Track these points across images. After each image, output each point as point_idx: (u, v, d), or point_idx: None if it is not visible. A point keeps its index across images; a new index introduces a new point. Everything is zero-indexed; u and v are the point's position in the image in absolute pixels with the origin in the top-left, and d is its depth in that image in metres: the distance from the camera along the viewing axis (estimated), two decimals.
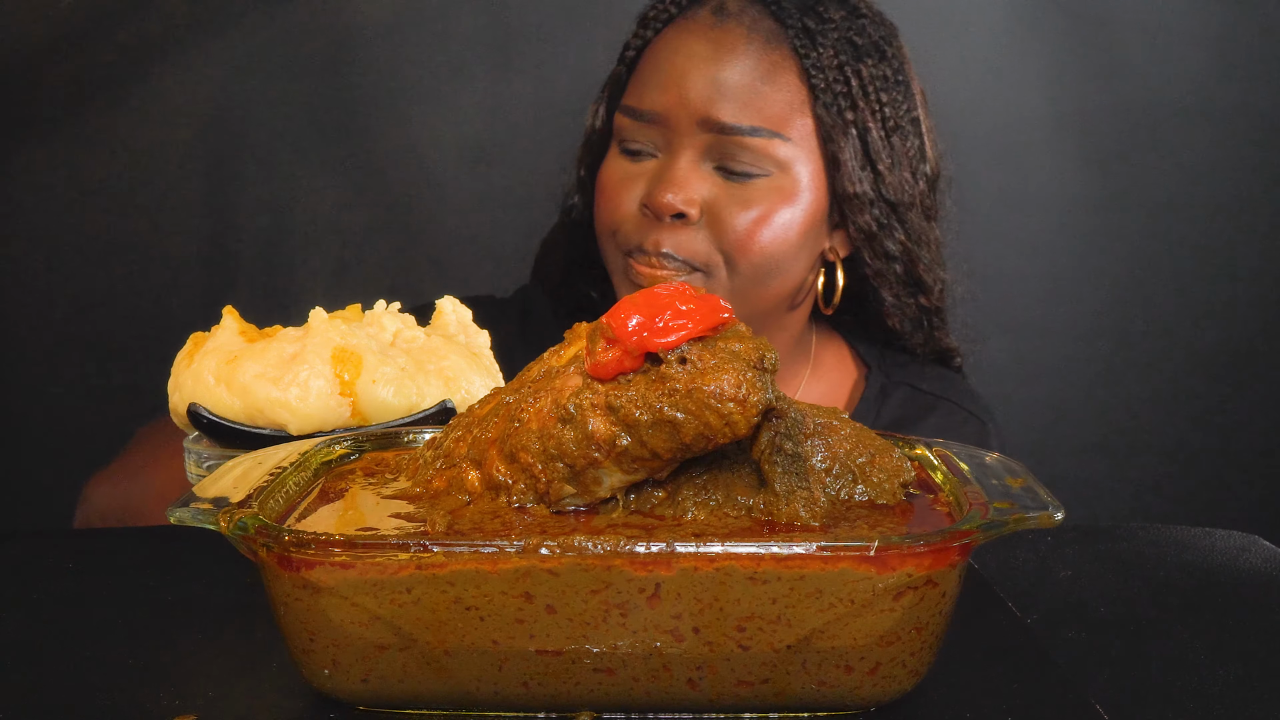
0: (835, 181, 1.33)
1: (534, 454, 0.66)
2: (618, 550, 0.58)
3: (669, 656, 0.60)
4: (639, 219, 1.33)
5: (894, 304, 1.43)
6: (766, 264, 1.31)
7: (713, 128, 1.29)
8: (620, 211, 1.34)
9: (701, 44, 1.32)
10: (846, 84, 1.33)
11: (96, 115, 2.02)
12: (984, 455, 0.73)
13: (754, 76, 1.30)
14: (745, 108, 1.29)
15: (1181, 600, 0.83)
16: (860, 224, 1.35)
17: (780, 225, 1.30)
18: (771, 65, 1.31)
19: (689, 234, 1.30)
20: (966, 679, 0.68)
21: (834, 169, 1.33)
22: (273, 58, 2.03)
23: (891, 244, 1.38)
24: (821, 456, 0.68)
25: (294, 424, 0.85)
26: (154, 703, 0.65)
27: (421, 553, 0.58)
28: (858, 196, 1.34)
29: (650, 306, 0.63)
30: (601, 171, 1.38)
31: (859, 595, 0.59)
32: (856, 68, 1.34)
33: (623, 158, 1.36)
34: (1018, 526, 0.62)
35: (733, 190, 1.30)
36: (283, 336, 0.88)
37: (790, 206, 1.31)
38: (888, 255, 1.39)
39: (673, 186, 1.29)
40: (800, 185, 1.31)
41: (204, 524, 0.63)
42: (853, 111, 1.33)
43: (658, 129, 1.32)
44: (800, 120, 1.32)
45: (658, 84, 1.32)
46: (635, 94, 1.35)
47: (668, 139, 1.32)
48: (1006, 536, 0.63)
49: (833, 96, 1.32)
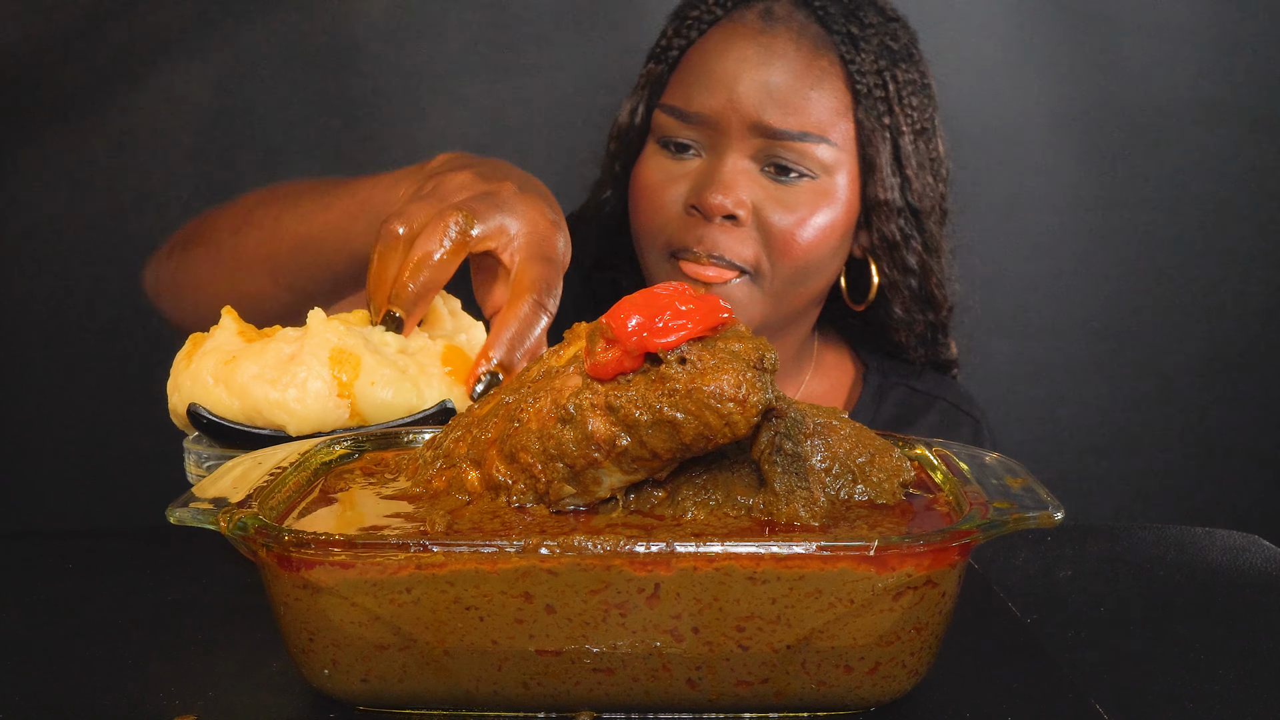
0: (868, 186, 1.35)
1: (534, 454, 0.66)
2: (617, 550, 0.58)
3: (669, 656, 0.60)
4: (684, 219, 1.33)
5: (903, 318, 1.45)
6: (808, 266, 1.34)
7: (763, 132, 1.31)
8: (664, 212, 1.35)
9: (751, 47, 1.33)
10: (885, 89, 1.36)
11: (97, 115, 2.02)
12: (984, 455, 0.73)
13: (803, 81, 1.32)
14: (794, 112, 1.31)
15: (1181, 600, 0.83)
16: (886, 232, 1.38)
17: (822, 227, 1.33)
18: (819, 70, 1.33)
19: (738, 235, 1.31)
20: (966, 679, 0.68)
21: (868, 173, 1.35)
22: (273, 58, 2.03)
23: (910, 257, 1.40)
24: (821, 456, 0.68)
25: (292, 425, 0.85)
26: (154, 703, 0.65)
27: (421, 553, 0.58)
28: (887, 204, 1.36)
29: (650, 306, 0.63)
30: (640, 169, 1.38)
31: (859, 595, 0.59)
32: (894, 72, 1.36)
33: (662, 155, 1.36)
34: (1018, 526, 0.62)
35: (778, 193, 1.32)
36: (281, 337, 0.88)
37: (831, 208, 1.33)
38: (905, 268, 1.41)
39: (723, 188, 1.30)
40: (840, 188, 1.34)
41: (204, 524, 0.63)
42: (889, 116, 1.36)
43: (704, 130, 1.33)
44: (843, 124, 1.34)
45: (706, 86, 1.33)
46: (681, 94, 1.35)
47: (714, 140, 1.33)
48: (1006, 536, 0.63)
49: (873, 101, 1.35)
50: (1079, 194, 2.13)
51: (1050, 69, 2.10)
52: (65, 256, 2.05)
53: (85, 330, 2.07)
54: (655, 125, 1.37)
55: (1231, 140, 2.11)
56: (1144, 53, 2.09)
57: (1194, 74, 2.09)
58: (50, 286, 2.06)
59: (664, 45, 1.41)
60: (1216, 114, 2.10)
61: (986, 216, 2.13)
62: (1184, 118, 2.10)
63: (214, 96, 2.03)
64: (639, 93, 1.42)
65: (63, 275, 2.06)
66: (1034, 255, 2.15)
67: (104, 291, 2.04)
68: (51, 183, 2.04)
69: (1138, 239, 2.14)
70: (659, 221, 1.35)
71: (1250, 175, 2.13)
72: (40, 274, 2.06)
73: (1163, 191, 2.13)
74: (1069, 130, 2.12)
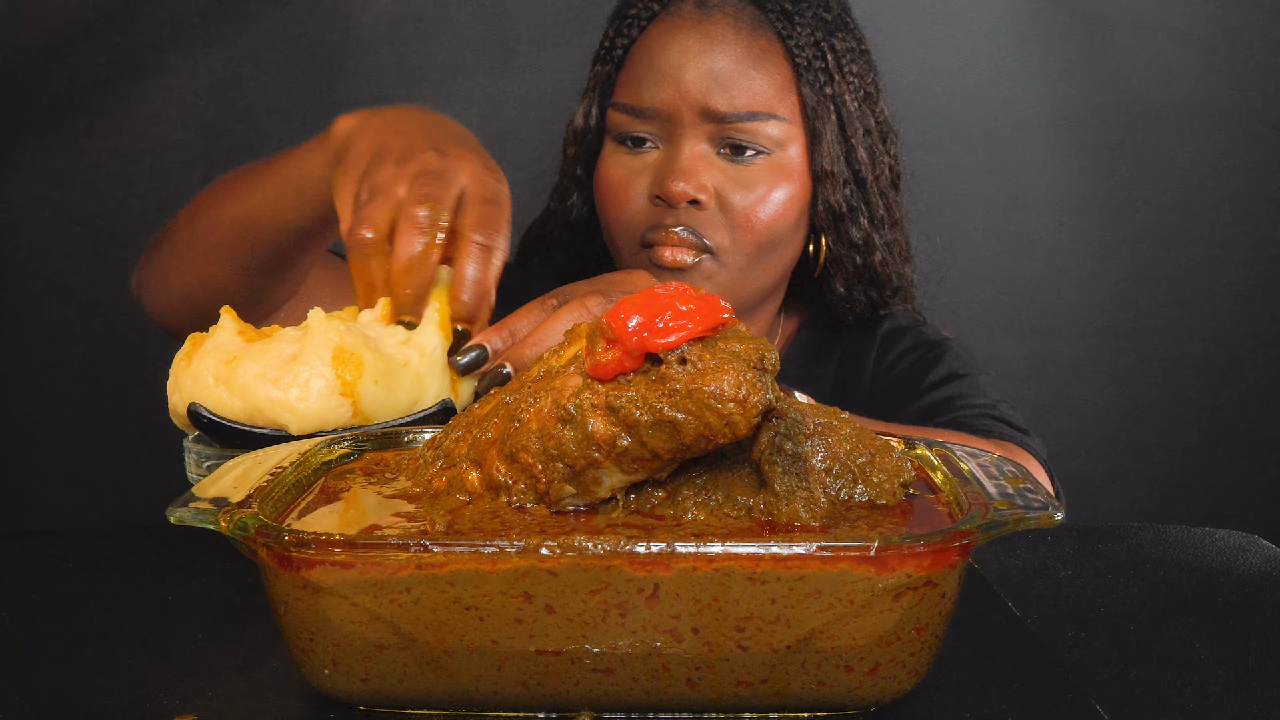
0: (815, 157, 1.39)
1: (534, 454, 0.66)
2: (617, 550, 0.58)
3: (668, 657, 0.60)
4: (650, 210, 1.36)
5: (843, 295, 1.47)
6: (771, 241, 1.36)
7: (713, 117, 1.34)
8: (631, 205, 1.38)
9: (692, 37, 1.36)
10: (824, 59, 1.39)
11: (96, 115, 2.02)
12: (984, 455, 0.73)
13: (744, 63, 1.35)
14: (741, 94, 1.34)
15: (1181, 600, 0.83)
16: (832, 203, 1.40)
17: (780, 202, 1.36)
18: (759, 50, 1.36)
19: (704, 219, 1.34)
20: (966, 679, 0.68)
21: (814, 144, 1.38)
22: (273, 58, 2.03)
23: (855, 230, 1.43)
24: (821, 456, 0.68)
25: (294, 424, 0.85)
26: (154, 703, 0.65)
27: (421, 553, 0.58)
28: (832, 175, 1.39)
29: (650, 307, 0.63)
30: (601, 168, 1.41)
31: (858, 596, 0.59)
32: (830, 42, 1.40)
33: (621, 151, 1.39)
34: (1018, 526, 0.62)
35: (736, 173, 1.35)
36: (281, 337, 0.88)
37: (788, 183, 1.36)
38: (849, 242, 1.43)
39: (683, 175, 1.33)
40: (794, 161, 1.37)
41: (204, 524, 0.63)
42: (830, 86, 1.39)
43: (657, 122, 1.37)
44: (789, 99, 1.37)
45: (653, 80, 1.36)
46: (631, 91, 1.39)
47: (669, 131, 1.36)
48: (1006, 536, 0.63)
49: (814, 73, 1.38)
50: (1079, 194, 2.13)
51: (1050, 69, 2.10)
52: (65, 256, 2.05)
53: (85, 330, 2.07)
54: (610, 124, 1.41)
55: (1231, 140, 2.11)
56: (1144, 53, 2.09)
57: (1194, 74, 2.09)
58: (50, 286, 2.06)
59: (607, 47, 1.44)
60: (1216, 114, 2.10)
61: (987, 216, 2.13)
62: (1184, 118, 2.10)
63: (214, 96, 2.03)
64: (590, 95, 1.45)
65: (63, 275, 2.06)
66: (1034, 255, 2.15)
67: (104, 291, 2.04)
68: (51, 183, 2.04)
69: (1138, 239, 2.14)
70: (628, 214, 1.38)
71: (1250, 175, 2.13)
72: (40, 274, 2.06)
73: (1163, 191, 2.13)
74: (1069, 130, 2.12)
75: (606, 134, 1.41)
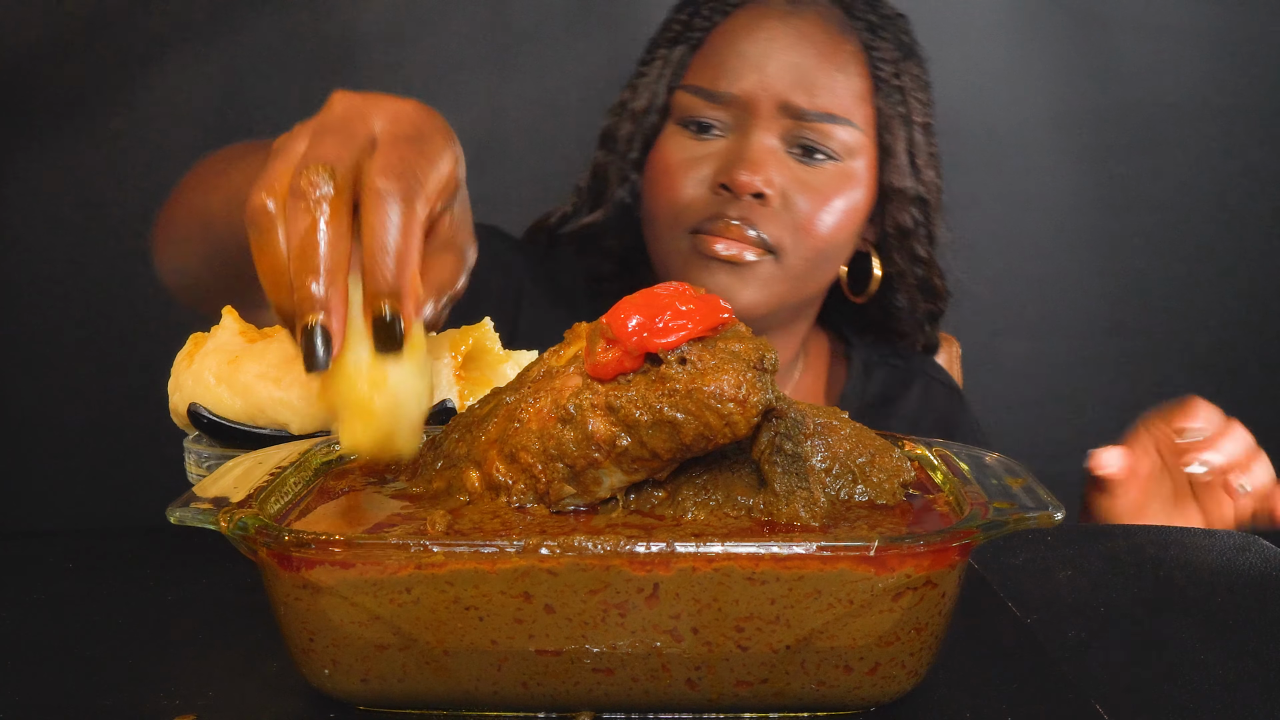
0: (886, 173, 1.38)
1: (534, 454, 0.66)
2: (617, 550, 0.58)
3: (668, 656, 0.60)
4: (709, 198, 1.33)
5: (906, 308, 1.48)
6: (828, 249, 1.35)
7: (791, 112, 1.32)
8: (688, 191, 1.34)
9: (780, 28, 1.34)
10: (899, 79, 1.38)
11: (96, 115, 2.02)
12: (984, 455, 0.73)
13: (829, 63, 1.34)
14: (821, 94, 1.33)
15: (1181, 600, 0.83)
16: (900, 220, 1.40)
17: (842, 211, 1.34)
18: (844, 55, 1.35)
19: (766, 214, 1.32)
20: (966, 679, 0.68)
21: (886, 159, 1.37)
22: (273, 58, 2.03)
23: (920, 247, 1.43)
24: (822, 456, 0.68)
25: (296, 423, 0.85)
26: (154, 703, 0.65)
27: (421, 553, 0.58)
28: (902, 191, 1.39)
29: (650, 307, 0.63)
30: (661, 150, 1.38)
31: (858, 596, 0.59)
32: (905, 65, 1.39)
33: (684, 135, 1.36)
34: (1018, 526, 0.62)
35: (803, 174, 1.33)
36: (283, 336, 0.88)
37: (853, 192, 1.35)
38: (914, 257, 1.44)
39: (752, 166, 1.30)
40: (861, 173, 1.36)
41: (204, 524, 0.63)
42: (903, 106, 1.38)
43: (731, 110, 1.34)
44: (864, 109, 1.36)
45: (735, 66, 1.34)
46: (708, 75, 1.36)
47: (741, 120, 1.34)
48: (1006, 536, 0.63)
49: (890, 89, 1.37)
50: (1079, 194, 2.14)
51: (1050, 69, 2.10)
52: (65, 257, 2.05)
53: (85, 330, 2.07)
54: (677, 106, 1.37)
55: (1231, 140, 2.11)
56: (1144, 53, 2.09)
57: (1194, 74, 2.09)
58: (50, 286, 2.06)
59: (679, 30, 1.41)
60: (1216, 114, 2.10)
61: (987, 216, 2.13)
62: (1184, 118, 2.11)
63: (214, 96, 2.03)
64: (658, 75, 1.40)
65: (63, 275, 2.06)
66: (1035, 255, 2.15)
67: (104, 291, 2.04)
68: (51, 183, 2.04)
69: (1138, 239, 2.15)
70: (684, 200, 1.34)
71: (1250, 175, 2.13)
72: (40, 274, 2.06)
73: (1163, 191, 2.13)
74: (1069, 130, 2.12)
75: (670, 117, 1.38)
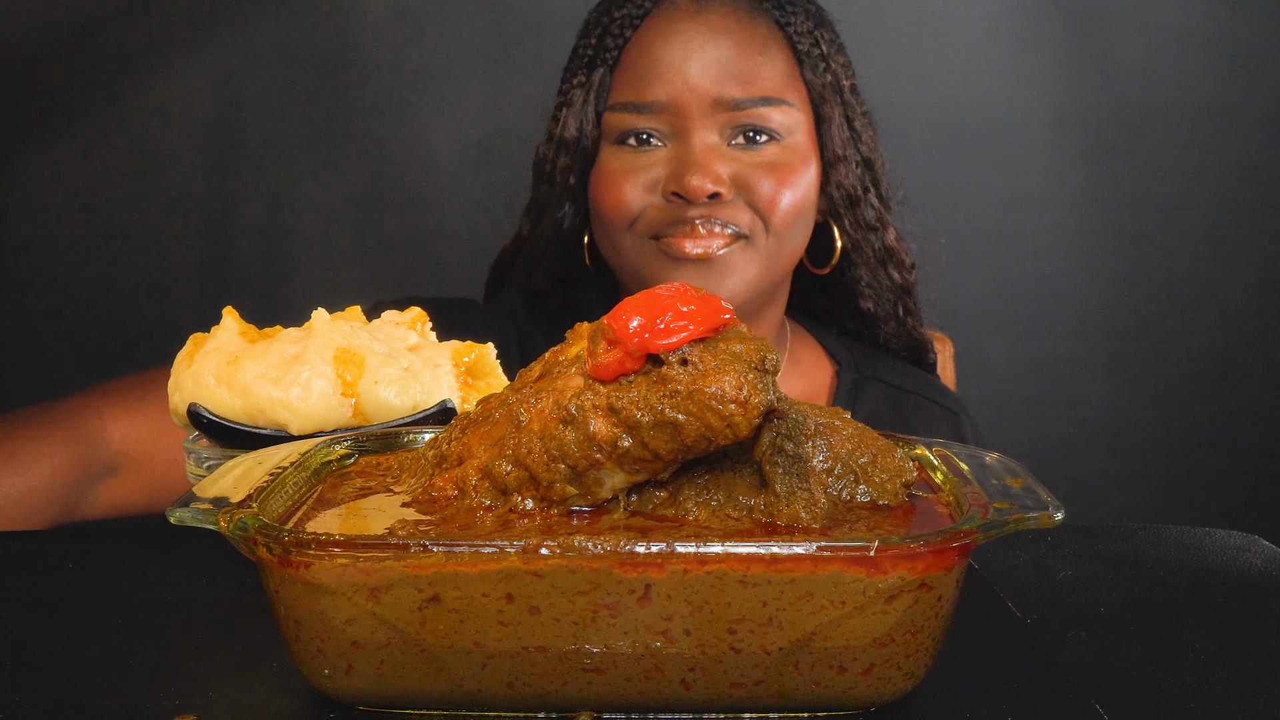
0: (825, 142, 1.40)
1: (535, 455, 0.66)
2: (616, 551, 0.58)
3: (662, 658, 0.60)
4: (665, 207, 1.33)
5: (869, 281, 1.48)
6: (795, 222, 1.36)
7: (726, 106, 1.33)
8: (636, 201, 1.34)
9: (693, 28, 1.35)
10: (819, 48, 1.40)
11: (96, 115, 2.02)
12: (984, 455, 0.73)
13: (750, 49, 1.35)
14: (751, 80, 1.34)
15: (1181, 600, 0.83)
16: (847, 186, 1.41)
17: (799, 184, 1.36)
18: (762, 38, 1.37)
19: (727, 208, 1.33)
20: (966, 679, 0.68)
21: (824, 129, 1.39)
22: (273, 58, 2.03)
23: (869, 211, 1.44)
24: (823, 457, 0.68)
25: (295, 424, 0.85)
26: (154, 703, 0.65)
27: (421, 553, 0.58)
28: (845, 158, 1.41)
29: (651, 308, 0.63)
30: (601, 170, 1.38)
31: (852, 598, 0.59)
32: (821, 32, 1.41)
33: (624, 151, 1.36)
34: (1018, 527, 0.62)
35: (751, 159, 1.34)
36: (283, 337, 0.88)
37: (803, 166, 1.37)
38: (866, 224, 1.44)
39: (700, 169, 1.31)
40: (804, 147, 1.37)
41: (204, 524, 0.63)
42: (829, 74, 1.40)
43: (664, 118, 1.34)
44: (795, 85, 1.38)
45: (658, 75, 1.34)
46: (632, 90, 1.36)
47: (677, 125, 1.34)
48: (1006, 536, 0.63)
49: (814, 60, 1.39)
50: (1079, 194, 2.14)
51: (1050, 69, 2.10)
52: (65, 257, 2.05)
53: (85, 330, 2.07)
54: (608, 127, 1.37)
55: (1231, 140, 2.11)
56: (1144, 53, 2.09)
57: (1194, 74, 2.09)
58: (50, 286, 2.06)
59: (591, 53, 1.40)
60: (1215, 114, 2.10)
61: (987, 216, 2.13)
62: (1182, 118, 2.11)
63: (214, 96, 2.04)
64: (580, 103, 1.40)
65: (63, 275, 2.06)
66: (1034, 255, 2.15)
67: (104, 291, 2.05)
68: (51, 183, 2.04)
69: (1138, 239, 2.15)
70: (635, 209, 1.34)
71: (1250, 175, 2.13)
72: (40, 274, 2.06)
73: (1163, 191, 2.13)
74: (1069, 130, 2.12)
75: (603, 139, 1.38)
